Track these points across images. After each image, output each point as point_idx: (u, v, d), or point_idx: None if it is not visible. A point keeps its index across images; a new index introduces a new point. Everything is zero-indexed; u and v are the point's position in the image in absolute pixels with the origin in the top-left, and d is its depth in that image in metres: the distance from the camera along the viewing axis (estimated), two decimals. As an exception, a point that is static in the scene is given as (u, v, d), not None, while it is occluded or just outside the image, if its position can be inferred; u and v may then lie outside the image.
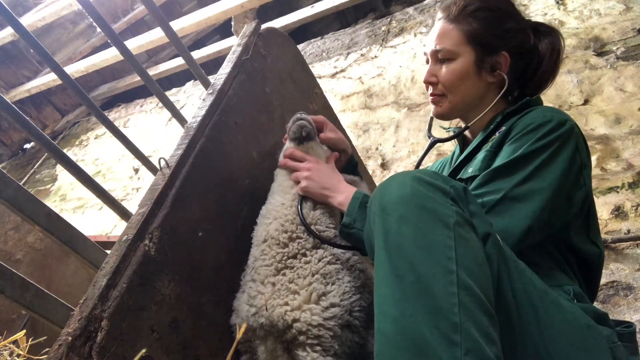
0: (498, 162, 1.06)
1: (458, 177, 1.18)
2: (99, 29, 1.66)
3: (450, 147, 2.46)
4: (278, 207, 1.21)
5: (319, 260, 1.09)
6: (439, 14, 1.22)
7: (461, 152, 1.31)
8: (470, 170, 1.14)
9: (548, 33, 1.22)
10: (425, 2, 3.89)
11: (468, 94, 1.19)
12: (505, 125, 1.12)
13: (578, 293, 1.00)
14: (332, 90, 3.54)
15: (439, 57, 1.19)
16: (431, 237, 0.77)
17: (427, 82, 1.23)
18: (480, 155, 1.14)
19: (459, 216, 0.79)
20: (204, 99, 1.31)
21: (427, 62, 1.24)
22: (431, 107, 1.28)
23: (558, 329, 0.84)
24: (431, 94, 1.24)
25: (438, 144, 1.41)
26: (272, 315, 1.02)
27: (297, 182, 1.22)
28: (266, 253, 1.14)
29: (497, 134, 1.14)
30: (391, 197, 0.83)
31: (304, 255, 1.11)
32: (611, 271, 1.82)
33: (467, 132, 1.31)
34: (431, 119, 1.37)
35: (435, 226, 0.77)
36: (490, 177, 1.04)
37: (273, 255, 1.13)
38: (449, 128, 1.39)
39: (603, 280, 1.81)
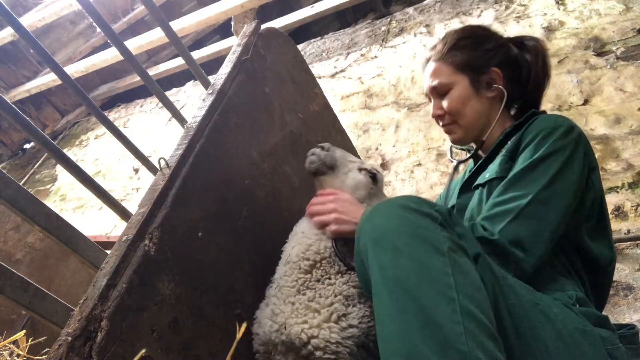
0: (518, 166, 1.08)
1: (475, 183, 1.21)
2: (99, 29, 1.66)
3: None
4: (299, 235, 1.20)
5: (344, 283, 1.09)
6: (428, 55, 1.33)
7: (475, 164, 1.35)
8: (487, 175, 1.17)
9: (529, 39, 1.30)
10: (425, 2, 3.89)
11: (475, 113, 1.25)
12: (516, 135, 1.17)
13: (580, 297, 1.01)
14: (332, 90, 3.54)
15: (438, 92, 1.28)
16: (428, 266, 0.76)
17: (436, 116, 1.31)
18: (497, 160, 1.17)
19: (451, 242, 0.80)
20: (203, 99, 1.31)
21: (430, 100, 1.33)
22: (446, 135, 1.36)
23: (550, 337, 0.85)
24: (443, 125, 1.32)
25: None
26: (290, 334, 1.03)
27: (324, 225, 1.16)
28: (288, 275, 1.14)
29: (509, 142, 1.19)
30: (381, 228, 0.83)
31: (329, 278, 1.11)
32: (611, 271, 1.83)
33: (480, 151, 1.36)
34: (450, 146, 1.46)
35: (430, 254, 0.77)
36: (513, 181, 1.06)
37: (295, 279, 1.12)
38: (461, 148, 1.45)
39: (603, 280, 1.81)
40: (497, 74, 1.24)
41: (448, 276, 0.75)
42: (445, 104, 1.26)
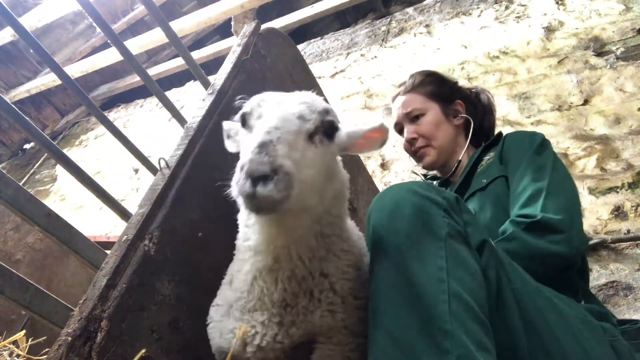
0: (519, 163, 1.20)
1: (472, 190, 1.31)
2: (99, 29, 1.66)
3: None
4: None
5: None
6: (396, 92, 1.52)
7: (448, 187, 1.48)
8: (484, 180, 1.27)
9: (476, 87, 1.58)
10: (425, 2, 3.89)
11: (445, 137, 1.41)
12: (496, 147, 1.33)
13: (586, 292, 1.10)
14: (332, 90, 3.53)
15: (411, 117, 1.43)
16: (423, 249, 0.80)
17: (410, 140, 1.43)
18: (492, 164, 1.30)
19: (450, 228, 0.83)
20: (203, 99, 1.31)
21: (400, 132, 1.49)
22: (415, 162, 1.49)
23: (555, 321, 0.87)
24: (417, 148, 1.44)
25: None
26: (293, 342, 0.90)
27: None
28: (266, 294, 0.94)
29: (490, 153, 1.35)
30: (386, 209, 0.86)
31: (311, 293, 0.92)
32: (611, 271, 1.82)
33: (451, 179, 1.50)
34: (423, 174, 1.59)
35: (427, 238, 0.81)
36: (524, 173, 1.17)
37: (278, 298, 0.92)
38: (427, 175, 1.59)
39: (603, 280, 1.81)
40: (462, 105, 1.45)
41: (441, 259, 0.78)
42: (420, 127, 1.41)
